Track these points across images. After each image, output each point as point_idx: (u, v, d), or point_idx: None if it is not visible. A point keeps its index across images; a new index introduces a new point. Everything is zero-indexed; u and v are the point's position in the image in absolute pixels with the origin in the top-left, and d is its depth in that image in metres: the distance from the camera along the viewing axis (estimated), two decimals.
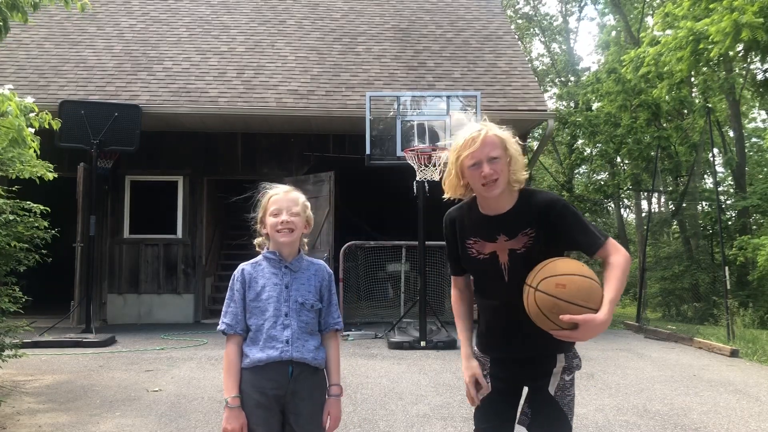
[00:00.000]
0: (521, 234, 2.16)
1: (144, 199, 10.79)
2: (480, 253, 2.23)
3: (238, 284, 2.31)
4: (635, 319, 10.69)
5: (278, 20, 12.90)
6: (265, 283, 2.30)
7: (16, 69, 10.77)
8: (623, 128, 17.34)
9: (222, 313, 2.32)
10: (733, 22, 9.71)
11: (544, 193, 2.25)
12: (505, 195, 2.19)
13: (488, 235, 2.21)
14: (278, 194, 2.33)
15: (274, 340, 2.24)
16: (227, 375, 2.26)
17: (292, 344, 2.24)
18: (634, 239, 26.17)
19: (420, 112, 8.93)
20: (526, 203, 2.19)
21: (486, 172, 2.11)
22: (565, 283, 2.01)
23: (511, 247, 2.17)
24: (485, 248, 2.22)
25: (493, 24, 13.09)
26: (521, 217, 2.18)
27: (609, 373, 6.28)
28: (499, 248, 2.19)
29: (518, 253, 2.16)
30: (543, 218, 2.15)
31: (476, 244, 2.24)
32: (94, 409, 4.76)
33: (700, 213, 19.09)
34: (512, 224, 2.18)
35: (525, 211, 2.18)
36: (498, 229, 2.19)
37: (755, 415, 4.77)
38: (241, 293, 2.30)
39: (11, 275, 5.31)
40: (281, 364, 2.23)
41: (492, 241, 2.20)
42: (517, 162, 2.18)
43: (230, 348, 2.28)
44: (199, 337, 8.59)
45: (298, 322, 2.28)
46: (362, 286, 10.66)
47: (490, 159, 2.12)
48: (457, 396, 5.17)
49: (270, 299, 2.27)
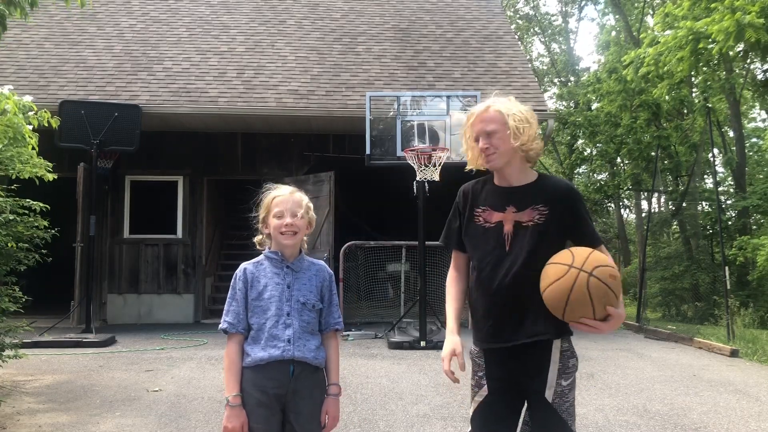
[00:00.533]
0: (531, 208, 2.22)
1: (144, 199, 10.79)
2: (486, 222, 2.27)
3: (240, 283, 2.31)
4: (635, 319, 10.69)
5: (278, 20, 12.90)
6: (267, 282, 2.30)
7: (16, 69, 10.77)
8: (623, 128, 17.33)
9: (224, 312, 2.32)
10: (735, 21, 9.70)
11: (564, 180, 2.38)
12: (517, 168, 2.28)
13: (498, 204, 2.27)
14: (282, 196, 2.33)
15: (275, 339, 2.24)
16: (228, 373, 2.26)
17: (293, 343, 2.25)
18: (634, 239, 26.19)
19: (420, 112, 8.94)
20: (544, 183, 2.28)
21: (481, 146, 2.23)
22: (616, 275, 2.10)
23: (517, 219, 2.22)
24: (492, 217, 2.27)
25: (493, 24, 13.09)
26: (536, 193, 2.24)
27: (609, 373, 6.28)
28: (505, 218, 2.24)
29: (523, 225, 2.21)
30: (560, 200, 2.22)
31: (485, 212, 2.29)
32: (94, 409, 4.76)
33: (700, 213, 19.08)
34: (524, 198, 2.24)
35: (541, 189, 2.25)
36: (508, 201, 2.26)
37: (755, 415, 4.77)
38: (243, 292, 2.30)
39: (11, 275, 5.30)
40: (283, 363, 2.24)
41: (500, 211, 2.26)
42: (523, 134, 2.22)
43: (232, 347, 2.29)
44: (199, 337, 8.59)
45: (300, 322, 2.28)
46: (362, 286, 10.66)
47: (486, 134, 2.22)
48: (457, 396, 5.17)
49: (272, 298, 2.28)
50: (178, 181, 10.86)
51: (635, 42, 18.80)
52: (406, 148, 8.21)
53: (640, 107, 16.97)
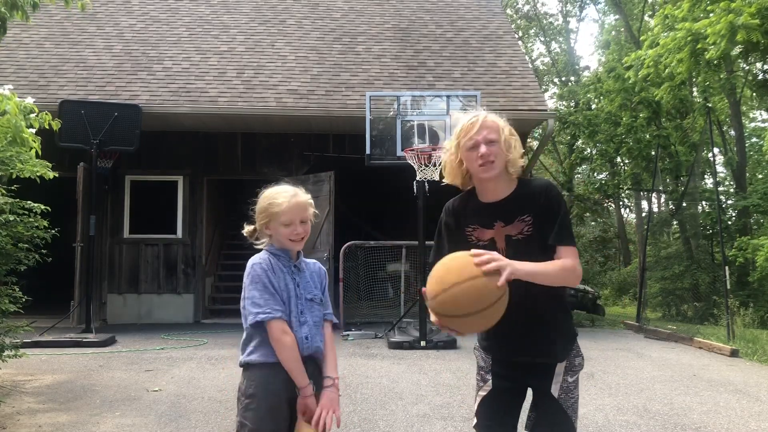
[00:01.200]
0: (518, 220, 2.20)
1: (144, 199, 10.78)
2: (480, 240, 2.26)
3: (263, 273, 2.23)
4: (635, 319, 10.69)
5: (278, 20, 12.90)
6: (283, 277, 2.29)
7: (16, 69, 10.77)
8: (623, 127, 17.33)
9: (260, 303, 2.19)
10: (728, 24, 9.69)
11: (541, 179, 2.34)
12: (502, 181, 2.25)
13: (486, 221, 2.26)
14: (287, 202, 2.27)
15: (296, 336, 2.24)
16: (297, 362, 2.18)
17: (311, 340, 2.26)
18: (634, 239, 26.18)
19: (420, 111, 8.93)
20: (524, 190, 2.25)
21: (482, 152, 2.18)
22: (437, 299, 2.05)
23: (507, 233, 2.21)
24: (485, 235, 2.25)
25: (493, 24, 13.08)
26: (518, 203, 2.23)
27: (609, 372, 6.28)
28: (496, 234, 2.23)
29: (514, 239, 2.20)
30: (538, 201, 2.20)
31: (476, 231, 2.27)
32: (94, 409, 4.76)
33: (701, 213, 19.08)
34: (509, 210, 2.23)
35: (522, 197, 2.23)
36: (495, 216, 2.24)
37: (755, 415, 4.77)
38: (269, 280, 2.23)
39: (11, 275, 5.30)
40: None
41: (490, 228, 2.24)
42: (514, 148, 2.23)
43: (285, 335, 2.18)
44: (199, 337, 8.59)
45: (312, 318, 2.30)
46: (362, 286, 10.66)
47: (488, 141, 2.19)
48: (457, 396, 5.17)
49: (289, 294, 2.27)
50: (178, 181, 10.86)
51: (635, 41, 18.82)
52: (406, 148, 8.20)
53: (640, 104, 16.96)
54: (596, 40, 31.33)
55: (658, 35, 12.76)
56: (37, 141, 4.56)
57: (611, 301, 21.31)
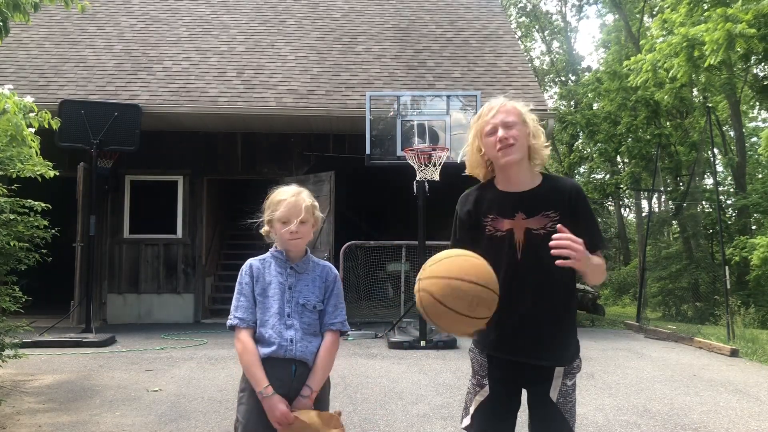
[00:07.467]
0: (542, 215, 2.14)
1: (144, 199, 10.78)
2: (497, 230, 2.19)
3: (247, 278, 2.32)
4: (635, 319, 10.69)
5: (278, 20, 12.90)
6: (272, 280, 2.31)
7: (16, 69, 10.77)
8: (623, 126, 17.34)
9: (232, 308, 2.31)
10: (726, 32, 9.65)
11: (569, 179, 2.29)
12: (525, 170, 2.20)
13: (506, 211, 2.18)
14: (287, 200, 2.30)
15: (279, 337, 2.25)
16: (253, 366, 2.22)
17: (295, 344, 2.26)
18: (634, 239, 26.19)
19: (420, 111, 8.93)
20: (551, 186, 2.20)
21: (501, 136, 2.13)
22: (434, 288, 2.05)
23: (528, 226, 2.14)
24: (503, 225, 2.18)
25: (493, 24, 13.08)
26: (545, 197, 2.17)
27: (609, 372, 6.28)
28: (516, 226, 2.16)
29: (535, 233, 2.13)
30: (570, 203, 2.16)
31: (493, 220, 2.20)
32: (94, 409, 4.76)
33: (701, 213, 19.09)
34: (533, 203, 2.16)
35: (549, 192, 2.18)
36: (516, 207, 2.17)
37: (755, 415, 4.77)
38: (250, 286, 2.31)
39: (11, 274, 5.30)
40: (285, 361, 2.25)
41: (509, 218, 2.17)
42: (538, 136, 2.20)
43: (246, 340, 2.26)
44: (199, 336, 8.59)
45: (301, 323, 2.30)
46: (362, 286, 10.65)
47: (505, 124, 2.15)
48: (457, 396, 5.17)
49: (274, 297, 2.29)
50: (178, 181, 10.86)
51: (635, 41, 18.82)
52: (406, 148, 8.20)
53: (639, 103, 16.98)
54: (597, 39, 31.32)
55: (656, 40, 12.79)
56: (36, 140, 4.56)
57: (611, 301, 21.33)
